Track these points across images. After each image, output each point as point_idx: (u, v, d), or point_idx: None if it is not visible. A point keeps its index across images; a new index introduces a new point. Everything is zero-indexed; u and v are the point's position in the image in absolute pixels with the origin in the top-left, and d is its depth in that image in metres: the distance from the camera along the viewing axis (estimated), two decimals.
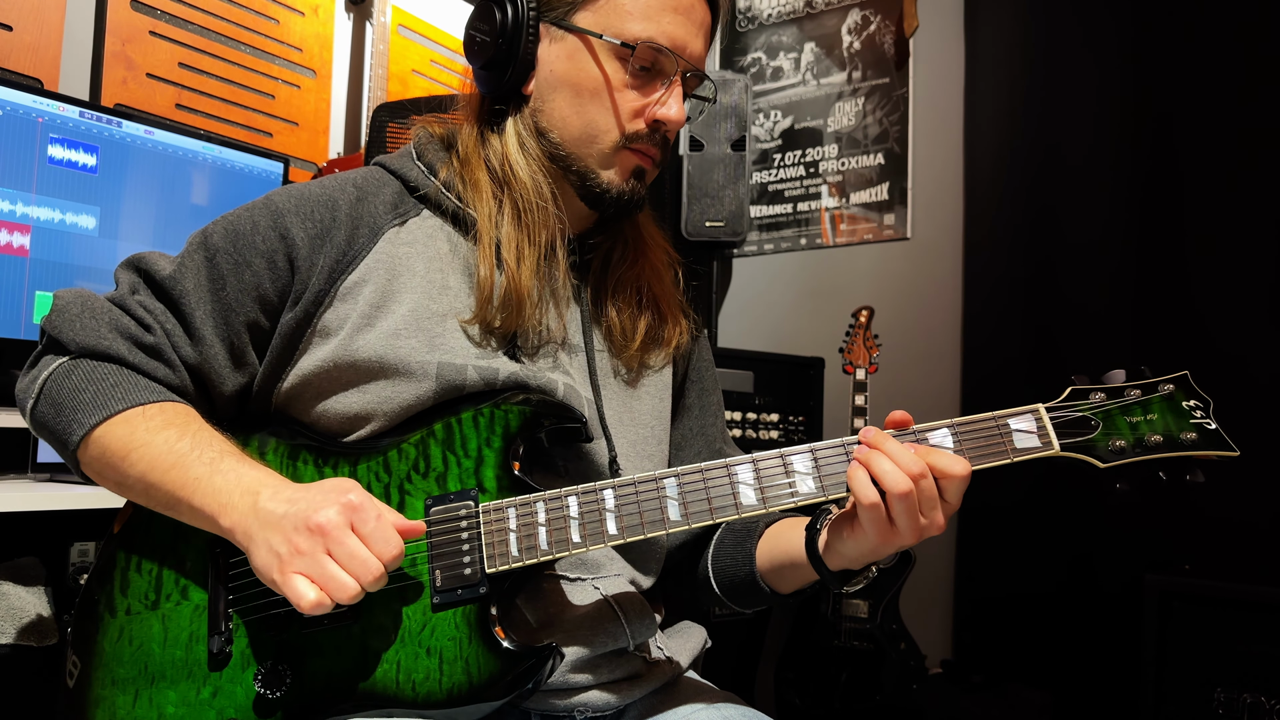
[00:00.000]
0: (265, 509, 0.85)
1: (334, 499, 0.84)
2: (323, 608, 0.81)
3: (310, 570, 0.82)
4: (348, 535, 0.82)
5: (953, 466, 0.85)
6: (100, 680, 0.93)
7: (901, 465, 0.84)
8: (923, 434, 0.90)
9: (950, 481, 0.86)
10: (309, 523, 0.82)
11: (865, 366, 2.38)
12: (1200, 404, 0.89)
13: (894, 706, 2.28)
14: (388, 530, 0.84)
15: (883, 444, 0.86)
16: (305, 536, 0.82)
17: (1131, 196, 2.43)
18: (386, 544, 0.83)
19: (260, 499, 0.85)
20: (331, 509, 0.83)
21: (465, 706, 0.88)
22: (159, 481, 0.89)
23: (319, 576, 0.81)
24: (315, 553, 0.82)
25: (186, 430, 0.91)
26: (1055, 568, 2.44)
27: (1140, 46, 2.43)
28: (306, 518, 0.82)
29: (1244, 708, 1.79)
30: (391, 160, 1.09)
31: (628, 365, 1.11)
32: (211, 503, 0.87)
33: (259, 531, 0.84)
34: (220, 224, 1.00)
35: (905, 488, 0.84)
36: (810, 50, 3.23)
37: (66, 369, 0.95)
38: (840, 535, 0.92)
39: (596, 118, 1.02)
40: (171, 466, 0.89)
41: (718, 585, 1.12)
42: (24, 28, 1.96)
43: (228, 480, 0.88)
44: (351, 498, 0.84)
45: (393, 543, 0.83)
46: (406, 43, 2.78)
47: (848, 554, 0.92)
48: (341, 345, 0.97)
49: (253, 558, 0.85)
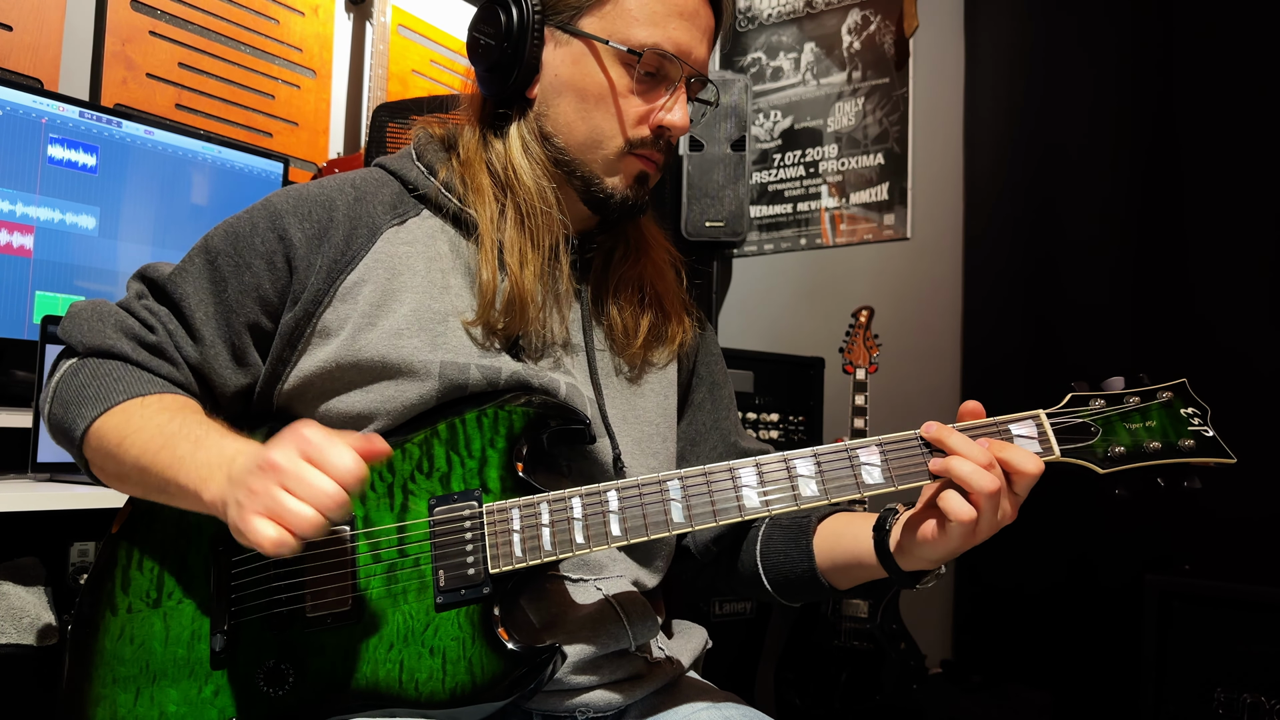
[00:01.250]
0: (236, 471, 0.82)
1: (288, 439, 0.81)
2: (285, 545, 0.77)
3: (265, 508, 0.77)
4: (299, 464, 0.78)
5: (1025, 464, 0.85)
6: (101, 679, 0.93)
7: (979, 462, 0.84)
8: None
9: (1021, 479, 0.86)
10: (260, 461, 0.79)
11: (865, 366, 2.38)
12: (1198, 411, 0.90)
13: (894, 706, 2.28)
14: (339, 450, 0.79)
15: (948, 439, 0.86)
16: (258, 476, 0.79)
17: (1131, 195, 2.43)
18: (341, 466, 0.78)
19: (234, 466, 0.83)
20: (285, 446, 0.80)
21: (468, 706, 0.88)
22: (150, 464, 0.88)
23: (274, 512, 0.77)
24: (269, 489, 0.78)
25: (178, 414, 0.91)
26: (1055, 567, 2.44)
27: (1139, 45, 2.43)
28: (260, 458, 0.80)
29: (1244, 708, 1.80)
30: (391, 161, 1.09)
31: (630, 363, 1.11)
32: (194, 477, 0.85)
33: (230, 491, 0.82)
34: (221, 227, 1.02)
35: (995, 485, 0.84)
36: (810, 50, 3.23)
37: (74, 368, 0.97)
38: (915, 539, 0.91)
39: (601, 123, 1.01)
40: (161, 448, 0.88)
41: (769, 581, 1.11)
42: (24, 28, 1.96)
43: (210, 455, 0.86)
44: (305, 432, 0.81)
45: (347, 461, 0.78)
46: (406, 43, 2.78)
47: (928, 557, 0.92)
48: (343, 345, 0.97)
49: (228, 520, 0.82)
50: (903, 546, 0.94)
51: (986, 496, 0.84)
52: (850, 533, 1.03)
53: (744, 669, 2.58)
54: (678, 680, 1.09)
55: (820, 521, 1.08)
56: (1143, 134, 2.42)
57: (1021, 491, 0.87)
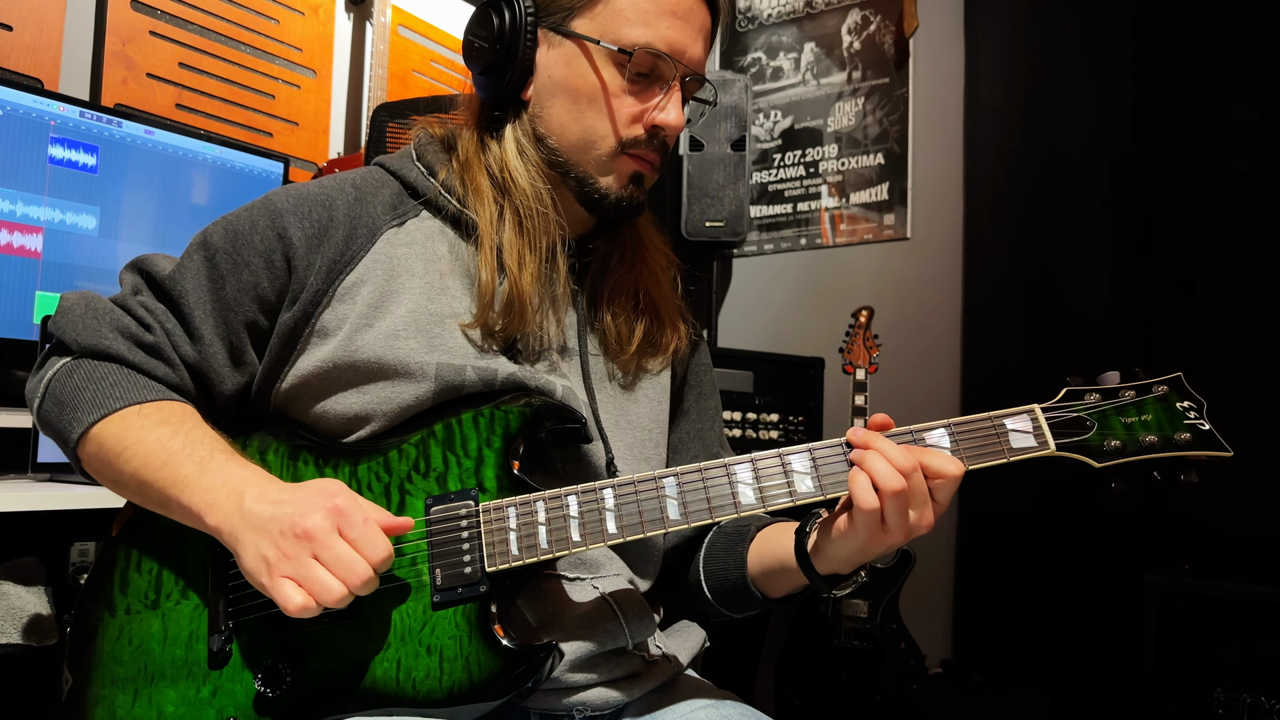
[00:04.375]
0: (251, 510, 0.85)
1: (320, 503, 0.84)
2: (309, 611, 0.81)
3: (297, 574, 0.82)
4: (334, 539, 0.82)
5: (946, 467, 0.86)
6: (100, 679, 0.93)
7: (895, 463, 0.84)
8: (920, 433, 0.90)
9: (943, 482, 0.86)
10: (295, 528, 0.82)
11: (865, 366, 2.38)
12: (1194, 405, 0.90)
13: (894, 706, 2.28)
14: (374, 533, 0.84)
15: (874, 442, 0.86)
16: (292, 542, 0.82)
17: (1131, 195, 2.43)
18: (374, 546, 0.83)
19: (245, 500, 0.85)
20: (317, 514, 0.83)
21: (465, 705, 0.88)
22: (151, 479, 0.90)
23: (305, 580, 0.82)
24: (301, 557, 0.82)
25: (180, 428, 0.92)
26: (1055, 568, 2.44)
27: (1139, 46, 2.43)
28: (293, 523, 0.83)
29: (1244, 708, 1.79)
30: (391, 161, 1.09)
31: (624, 369, 1.11)
32: (199, 501, 0.87)
33: (245, 534, 0.85)
34: (220, 224, 1.01)
35: (899, 485, 0.84)
36: (810, 50, 3.23)
37: (69, 369, 0.96)
38: (828, 537, 0.91)
39: (594, 124, 1.01)
40: (163, 465, 0.89)
41: (709, 589, 1.13)
42: (24, 28, 1.96)
43: (214, 479, 0.88)
44: (338, 502, 0.84)
45: (380, 545, 0.83)
46: (406, 43, 2.79)
47: (836, 555, 0.92)
48: (341, 346, 0.97)
49: (240, 560, 0.85)
50: (818, 546, 0.94)
51: (890, 495, 0.84)
52: (777, 538, 1.04)
53: (744, 669, 2.58)
54: (676, 679, 1.09)
55: (761, 530, 1.09)
56: (1142, 134, 2.41)
57: (943, 499, 0.87)
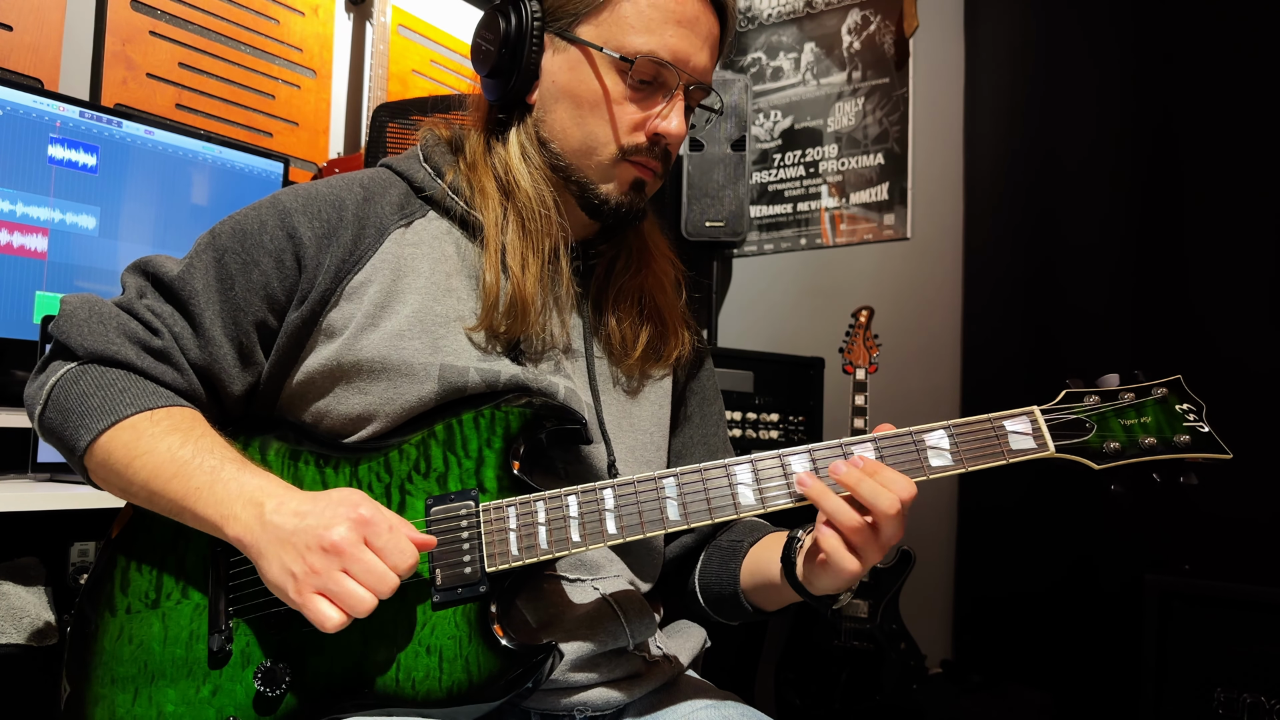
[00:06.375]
0: (273, 523, 0.84)
1: (344, 514, 0.84)
2: (344, 625, 0.82)
3: (328, 588, 0.82)
4: (363, 551, 0.83)
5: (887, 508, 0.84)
6: (100, 679, 0.93)
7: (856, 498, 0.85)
8: (920, 435, 0.90)
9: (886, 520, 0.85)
10: (323, 542, 0.82)
11: (865, 366, 2.38)
12: (1193, 407, 0.90)
13: (894, 706, 2.28)
14: (402, 541, 0.84)
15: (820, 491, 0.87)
16: (320, 556, 0.82)
17: (1132, 196, 2.43)
18: (402, 555, 0.83)
19: (265, 510, 0.85)
20: (343, 525, 0.83)
21: (465, 705, 0.88)
22: (162, 490, 0.89)
23: (337, 594, 0.82)
24: (331, 571, 0.82)
25: (189, 437, 0.91)
26: (1055, 568, 2.44)
27: (1140, 46, 2.43)
28: (319, 536, 0.82)
29: (1244, 708, 1.79)
30: (398, 162, 1.09)
31: (627, 374, 1.11)
32: (214, 513, 0.87)
33: (269, 547, 0.84)
34: (228, 224, 1.00)
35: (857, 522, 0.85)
36: (810, 50, 3.23)
37: (74, 374, 0.94)
38: (813, 569, 0.92)
39: (595, 130, 1.02)
40: (174, 476, 0.89)
41: (704, 601, 1.14)
42: (24, 28, 1.97)
43: (229, 490, 0.87)
44: (363, 512, 0.84)
45: (408, 553, 0.84)
46: (406, 43, 2.79)
47: (823, 586, 0.92)
48: (345, 345, 0.97)
49: (265, 573, 0.85)
50: (806, 577, 0.94)
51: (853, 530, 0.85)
52: (767, 557, 1.05)
53: (744, 669, 2.58)
54: (677, 679, 1.09)
55: (753, 546, 1.10)
56: (1143, 136, 2.41)
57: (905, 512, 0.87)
